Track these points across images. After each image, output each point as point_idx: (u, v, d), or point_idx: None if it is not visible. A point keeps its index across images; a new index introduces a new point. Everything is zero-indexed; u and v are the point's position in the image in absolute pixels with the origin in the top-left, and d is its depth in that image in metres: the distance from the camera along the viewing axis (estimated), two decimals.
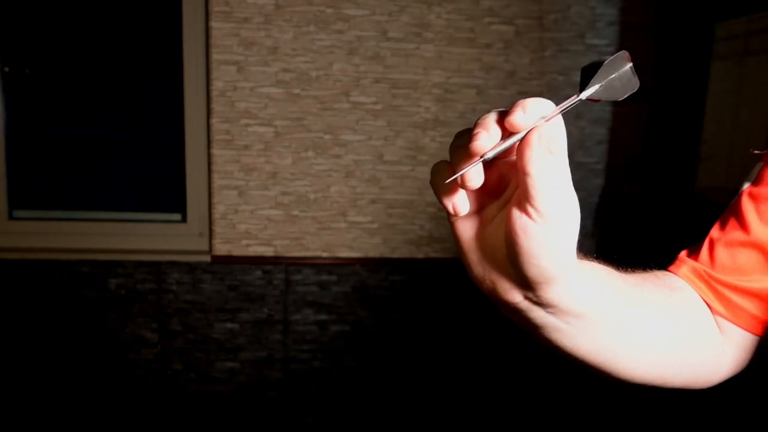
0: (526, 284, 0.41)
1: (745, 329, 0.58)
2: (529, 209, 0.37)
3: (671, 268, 0.62)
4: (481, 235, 0.42)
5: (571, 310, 0.44)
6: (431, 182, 0.41)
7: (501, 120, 0.38)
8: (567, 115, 0.41)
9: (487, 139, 0.37)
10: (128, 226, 2.18)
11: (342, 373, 2.27)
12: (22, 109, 2.12)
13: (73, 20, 2.08)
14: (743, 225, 0.58)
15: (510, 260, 0.40)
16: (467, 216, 0.42)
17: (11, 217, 2.14)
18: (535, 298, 0.42)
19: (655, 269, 0.61)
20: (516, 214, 0.38)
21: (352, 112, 2.10)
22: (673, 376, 0.56)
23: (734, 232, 0.59)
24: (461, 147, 0.38)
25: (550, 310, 0.44)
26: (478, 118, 0.39)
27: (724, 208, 0.63)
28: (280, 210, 2.14)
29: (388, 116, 2.12)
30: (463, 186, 0.38)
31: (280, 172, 2.11)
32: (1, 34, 2.06)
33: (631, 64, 0.41)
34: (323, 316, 2.23)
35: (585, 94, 0.40)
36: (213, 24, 2.01)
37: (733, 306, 0.58)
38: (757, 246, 0.57)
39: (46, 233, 2.14)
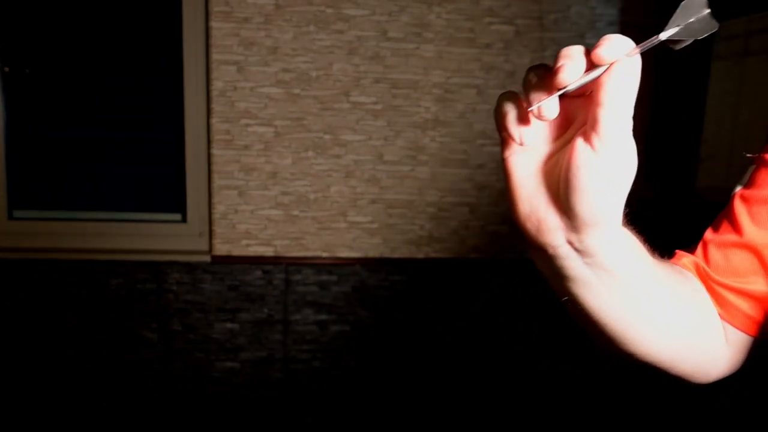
0: (574, 223, 0.41)
1: (739, 329, 0.59)
2: (596, 141, 0.38)
3: (671, 261, 0.63)
4: (535, 171, 0.42)
5: (607, 264, 0.44)
6: (496, 111, 0.42)
7: (586, 52, 0.38)
8: None
9: (573, 70, 0.37)
10: (128, 226, 2.18)
11: (342, 373, 2.27)
12: (22, 109, 2.12)
13: (73, 20, 2.08)
14: (736, 227, 0.59)
15: (564, 195, 0.40)
16: (524, 150, 0.43)
17: (11, 217, 2.14)
18: (577, 242, 0.42)
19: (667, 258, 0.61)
20: (581, 146, 0.38)
21: (352, 112, 2.10)
22: (682, 360, 0.57)
23: (727, 234, 0.60)
24: (541, 78, 0.39)
25: (587, 259, 0.43)
26: (561, 51, 0.39)
27: (723, 208, 0.64)
28: (280, 210, 2.14)
29: (388, 116, 2.12)
30: (539, 117, 0.39)
31: (280, 172, 2.11)
32: (1, 34, 2.06)
33: (708, 10, 0.41)
34: (323, 316, 2.23)
35: (665, 35, 0.40)
36: (213, 24, 2.01)
37: (729, 305, 0.59)
38: (749, 247, 0.58)
39: (46, 233, 2.14)
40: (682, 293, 0.56)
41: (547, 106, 0.38)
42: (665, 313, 0.53)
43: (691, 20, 0.41)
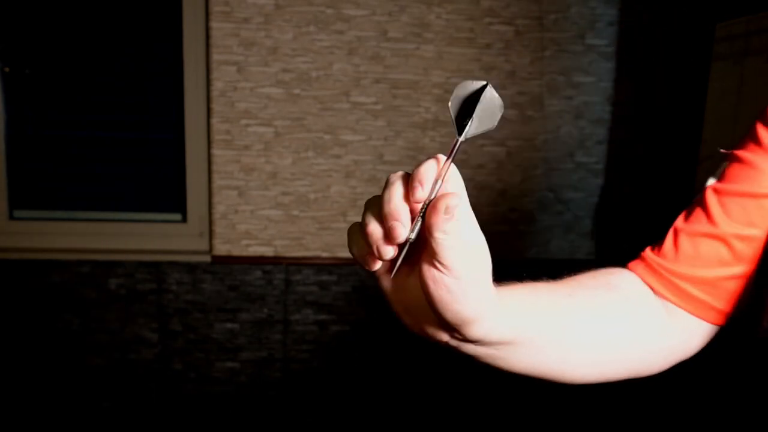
0: (448, 327, 0.44)
1: (694, 315, 0.61)
2: (437, 265, 0.41)
3: (630, 264, 0.66)
4: (405, 288, 0.46)
5: (497, 341, 0.47)
6: (350, 248, 0.45)
7: (406, 197, 0.42)
8: (568, 116, 0.42)
9: (403, 229, 0.40)
10: (128, 226, 2.18)
11: (342, 373, 2.27)
12: (22, 109, 2.12)
13: (72, 20, 2.08)
14: (709, 217, 0.61)
15: (431, 309, 0.43)
16: (389, 273, 0.46)
17: (11, 217, 2.14)
18: (460, 337, 0.46)
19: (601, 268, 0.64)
20: (426, 268, 0.41)
21: (352, 112, 2.10)
22: (617, 370, 0.60)
23: (699, 224, 0.62)
24: (378, 235, 0.42)
25: (478, 344, 0.47)
26: (384, 194, 0.43)
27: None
28: (280, 210, 2.14)
29: (388, 116, 2.12)
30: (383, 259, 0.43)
31: (280, 172, 2.11)
32: (1, 34, 2.06)
33: (487, 85, 0.44)
34: (323, 316, 2.23)
35: (464, 136, 0.44)
36: (213, 24, 2.01)
37: (685, 294, 0.61)
38: (721, 238, 0.60)
39: (46, 233, 2.14)
40: (598, 305, 0.58)
41: (389, 257, 0.42)
42: (579, 338, 0.56)
43: (480, 106, 0.44)
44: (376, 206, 0.43)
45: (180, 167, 2.16)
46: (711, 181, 0.64)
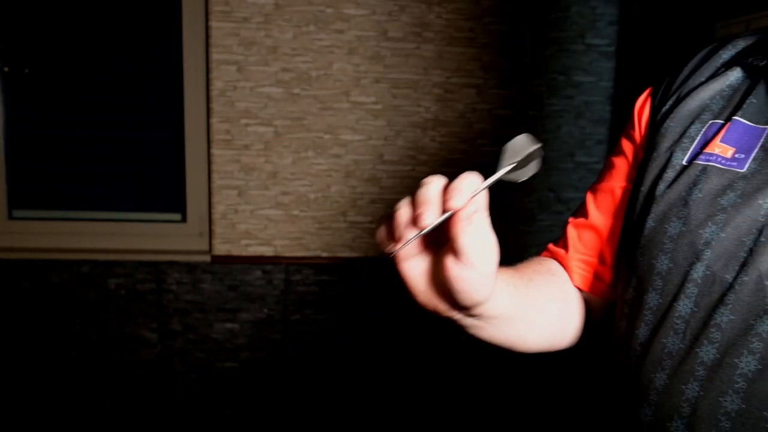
0: (461, 309, 0.55)
1: (589, 292, 0.75)
2: (461, 259, 0.49)
3: (543, 254, 0.81)
4: (423, 273, 0.55)
5: (491, 316, 0.59)
6: (376, 232, 0.54)
7: (441, 195, 0.50)
8: (567, 116, 0.43)
9: (431, 215, 0.48)
10: (128, 226, 2.18)
11: (342, 373, 2.27)
12: (21, 109, 2.12)
13: (72, 20, 2.08)
14: (585, 212, 0.77)
15: (449, 295, 0.53)
16: (411, 257, 0.54)
17: (11, 217, 2.14)
18: (467, 314, 0.57)
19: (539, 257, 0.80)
20: (451, 263, 0.50)
21: (352, 112, 2.10)
22: (559, 342, 0.74)
23: (579, 218, 0.78)
24: (406, 220, 0.50)
25: (476, 319, 0.59)
26: (421, 189, 0.50)
27: None
28: (279, 210, 2.13)
29: (388, 116, 2.12)
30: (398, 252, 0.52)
31: (280, 172, 2.11)
32: (1, 34, 2.06)
33: (537, 145, 0.52)
34: (323, 316, 2.23)
35: (502, 173, 0.53)
36: (213, 24, 2.01)
37: (580, 275, 0.75)
38: (592, 228, 0.75)
39: (46, 233, 2.14)
40: (549, 290, 0.72)
41: (409, 243, 0.51)
42: (540, 315, 0.69)
43: (521, 158, 0.53)
44: (409, 199, 0.51)
45: (180, 167, 2.16)
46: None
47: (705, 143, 0.61)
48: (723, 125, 0.61)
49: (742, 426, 0.51)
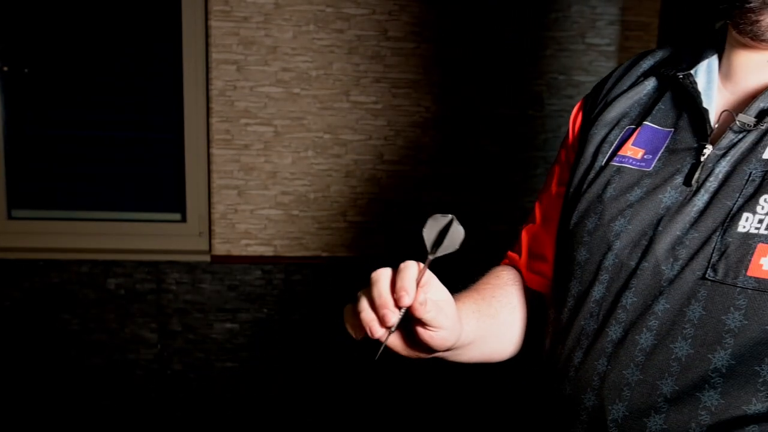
0: (436, 352, 0.65)
1: (540, 291, 0.81)
2: (429, 328, 0.60)
3: (502, 263, 0.88)
4: (400, 340, 0.64)
5: (465, 344, 0.68)
6: (346, 324, 0.64)
7: (391, 295, 0.58)
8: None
9: (393, 318, 0.57)
10: (128, 226, 2.18)
11: (342, 373, 2.27)
12: (21, 109, 2.12)
13: (72, 20, 2.08)
14: (534, 217, 0.83)
15: (427, 347, 0.63)
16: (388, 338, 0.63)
17: (10, 217, 2.14)
18: (445, 352, 0.66)
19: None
20: (422, 331, 0.60)
21: (352, 112, 2.10)
22: (517, 349, 0.82)
23: (529, 224, 0.84)
24: (371, 318, 0.59)
25: (454, 350, 0.67)
26: (373, 290, 0.59)
27: None
28: (279, 210, 2.13)
29: (388, 116, 2.11)
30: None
31: (279, 172, 2.11)
32: (1, 34, 2.06)
33: (453, 219, 0.61)
34: (323, 316, 2.22)
35: (437, 253, 0.61)
36: (212, 23, 2.00)
37: (533, 277, 0.82)
38: (539, 231, 0.81)
39: (45, 233, 2.14)
40: (508, 302, 0.80)
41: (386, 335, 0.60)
42: (503, 328, 0.78)
43: (448, 231, 0.61)
44: (367, 298, 0.59)
45: (179, 167, 2.15)
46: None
47: (620, 146, 0.68)
48: (635, 129, 0.68)
49: (640, 395, 0.57)
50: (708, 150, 0.59)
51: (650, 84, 0.71)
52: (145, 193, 2.23)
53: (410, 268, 0.58)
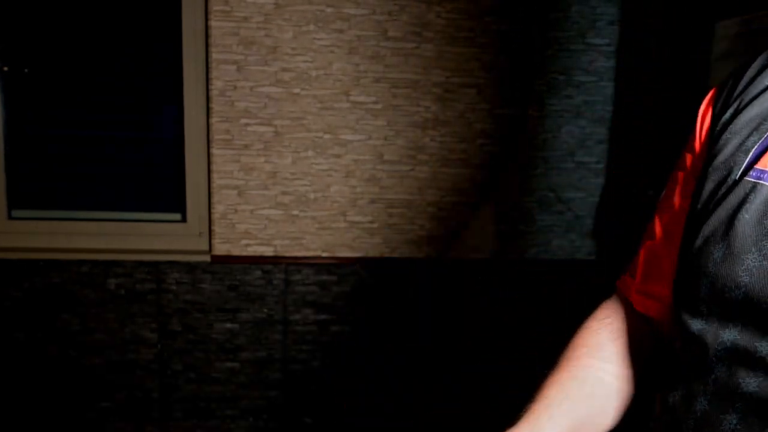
0: None
1: (646, 313, 0.73)
2: None
3: (614, 295, 0.78)
4: None
5: None
6: None
7: None
8: (567, 116, 0.42)
9: None
10: (128, 226, 2.18)
11: (342, 373, 2.27)
12: (21, 109, 2.12)
13: (71, 20, 2.08)
14: (653, 233, 0.72)
15: None
16: None
17: (10, 217, 2.14)
18: None
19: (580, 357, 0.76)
20: None
21: (352, 112, 2.10)
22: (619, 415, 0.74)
23: (647, 241, 0.73)
24: None
25: None
26: None
27: None
28: (279, 210, 2.13)
29: (388, 116, 2.11)
30: None
31: (279, 172, 2.11)
32: (1, 34, 2.06)
33: None
34: (323, 316, 2.23)
35: None
36: (212, 23, 2.00)
37: (647, 303, 0.72)
38: (658, 248, 0.71)
39: (46, 233, 2.14)
40: (602, 403, 0.72)
41: None
42: (606, 419, 0.72)
43: None
44: None
45: (180, 167, 2.15)
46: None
47: (758, 157, 0.55)
48: None
49: None
50: None
51: None
52: (145, 193, 2.23)
53: None
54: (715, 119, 0.63)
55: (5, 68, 2.08)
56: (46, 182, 2.18)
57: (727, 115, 0.61)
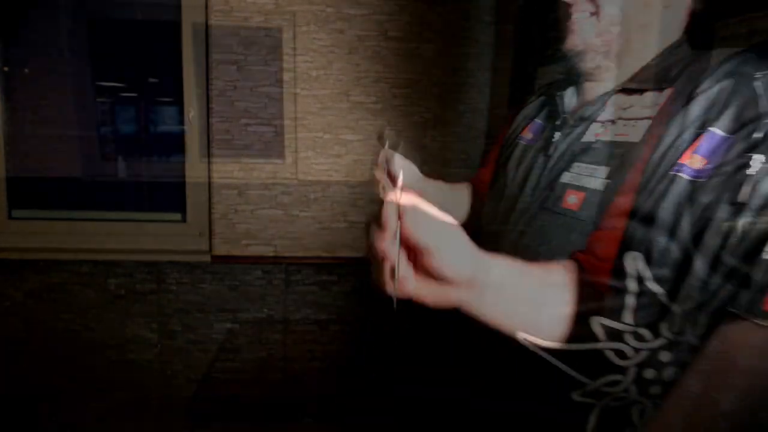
0: (453, 283, 0.63)
1: None
2: (432, 253, 0.59)
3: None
4: (415, 283, 0.66)
5: (485, 284, 0.66)
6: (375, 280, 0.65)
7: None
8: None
9: (410, 283, 0.66)
10: (128, 226, 2.18)
11: (342, 373, 2.27)
12: (21, 109, 2.12)
13: (72, 19, 2.08)
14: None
15: (445, 282, 0.63)
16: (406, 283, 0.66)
17: (10, 217, 2.14)
18: (459, 286, 0.65)
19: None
20: (428, 262, 0.61)
21: (352, 112, 2.10)
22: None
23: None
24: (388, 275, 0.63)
25: (470, 287, 0.65)
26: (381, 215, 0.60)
27: None
28: (280, 210, 2.13)
29: (388, 116, 2.11)
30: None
31: (279, 172, 2.11)
32: (1, 34, 2.06)
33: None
34: (323, 316, 2.23)
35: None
36: (212, 23, 2.00)
37: None
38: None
39: (46, 233, 2.14)
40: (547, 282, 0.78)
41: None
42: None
43: None
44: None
45: (179, 167, 2.15)
46: None
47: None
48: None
49: None
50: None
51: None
52: (146, 193, 2.23)
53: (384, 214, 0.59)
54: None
55: (5, 68, 2.08)
56: (46, 182, 2.18)
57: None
